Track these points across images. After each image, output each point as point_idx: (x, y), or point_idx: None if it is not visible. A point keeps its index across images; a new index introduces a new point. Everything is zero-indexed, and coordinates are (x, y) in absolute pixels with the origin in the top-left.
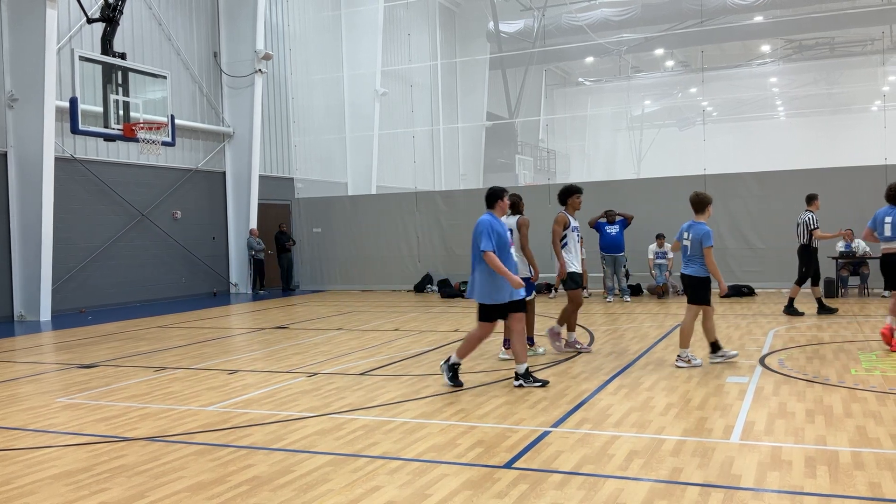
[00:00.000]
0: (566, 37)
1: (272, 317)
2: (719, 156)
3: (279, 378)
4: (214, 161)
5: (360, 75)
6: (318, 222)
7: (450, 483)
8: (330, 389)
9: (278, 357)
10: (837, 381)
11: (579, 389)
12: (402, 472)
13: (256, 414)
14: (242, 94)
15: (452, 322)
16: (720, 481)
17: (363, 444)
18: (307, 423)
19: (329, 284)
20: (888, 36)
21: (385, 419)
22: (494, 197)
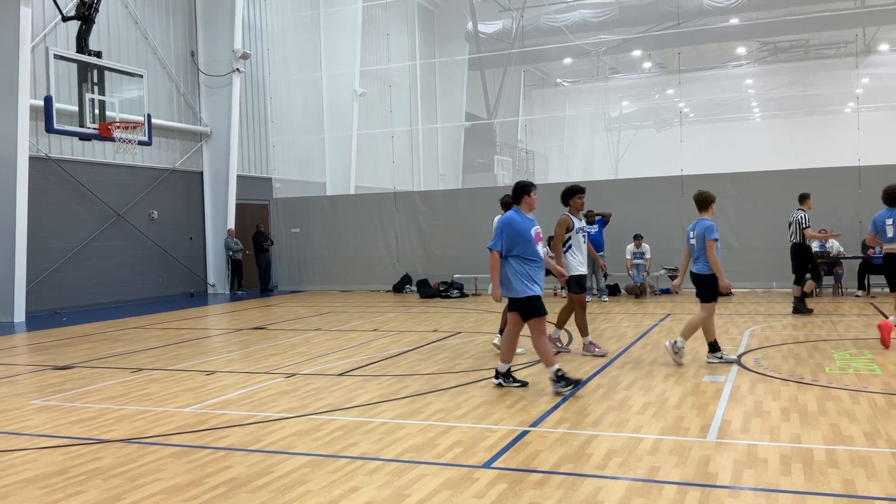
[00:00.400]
0: (544, 38)
1: (250, 317)
2: (696, 157)
3: (257, 379)
4: (192, 161)
5: (339, 75)
6: (296, 222)
7: (429, 483)
8: (308, 390)
9: (256, 358)
10: (812, 379)
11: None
12: (380, 472)
13: (234, 415)
14: (220, 94)
15: (431, 322)
16: (697, 480)
17: (342, 444)
18: (285, 424)
19: (307, 285)
20: (861, 39)
21: (364, 420)
22: (521, 192)
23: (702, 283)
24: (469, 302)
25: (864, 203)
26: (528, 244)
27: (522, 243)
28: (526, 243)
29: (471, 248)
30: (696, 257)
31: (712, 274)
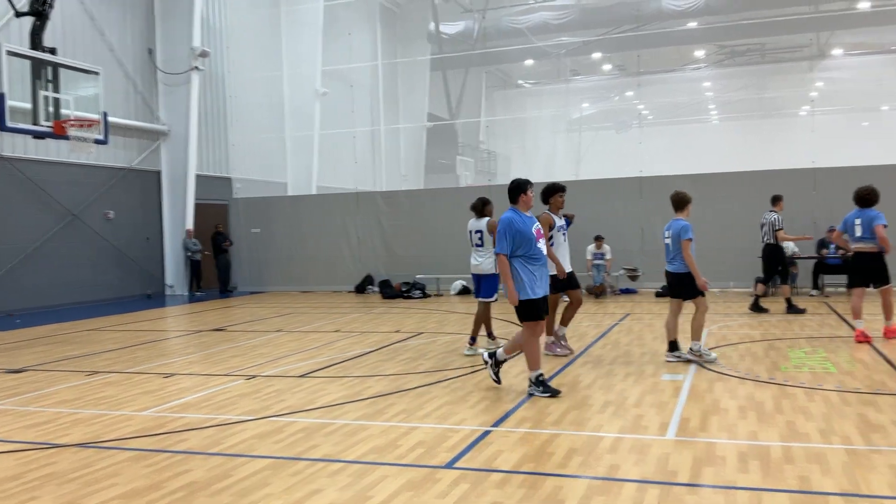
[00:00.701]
0: (506, 39)
1: (209, 319)
2: (655, 158)
3: (217, 381)
4: (149, 160)
5: (300, 74)
6: (256, 223)
7: (391, 484)
8: (269, 392)
9: (216, 360)
10: (768, 377)
11: (520, 389)
12: (342, 474)
13: (193, 418)
14: (178, 92)
15: (394, 323)
16: (656, 477)
17: (303, 447)
18: (246, 426)
19: (268, 286)
20: (816, 43)
21: (326, 421)
22: (517, 190)
23: (681, 281)
24: (431, 302)
25: (819, 204)
26: (530, 243)
27: (525, 243)
28: (528, 242)
29: (433, 249)
30: (672, 257)
31: (689, 272)
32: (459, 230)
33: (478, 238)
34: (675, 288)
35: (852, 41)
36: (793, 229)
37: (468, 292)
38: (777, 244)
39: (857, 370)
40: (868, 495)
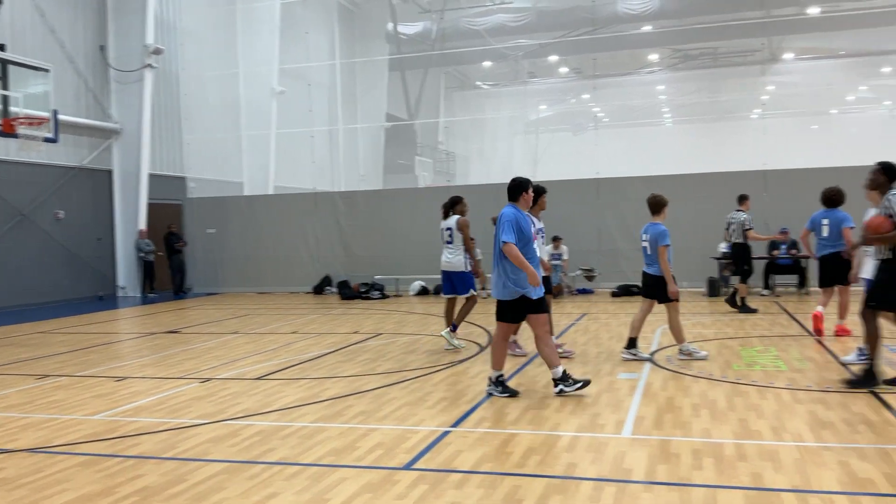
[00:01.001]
0: (464, 40)
1: (163, 321)
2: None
3: (170, 384)
4: (101, 159)
5: (257, 73)
6: (212, 223)
7: (349, 487)
8: (224, 395)
9: (169, 363)
10: (721, 376)
11: (478, 388)
12: (299, 477)
13: (146, 422)
14: (131, 90)
15: (352, 324)
16: (613, 475)
17: (259, 450)
18: (200, 430)
19: (224, 287)
20: (767, 48)
21: (282, 424)
22: (519, 189)
23: (657, 284)
24: (390, 303)
25: (769, 206)
26: (528, 243)
27: (524, 241)
28: (527, 241)
29: (392, 250)
30: (649, 260)
31: None
32: (418, 231)
33: (448, 235)
34: (650, 289)
35: (803, 46)
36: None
37: (427, 293)
38: (745, 243)
39: (807, 368)
40: (819, 491)
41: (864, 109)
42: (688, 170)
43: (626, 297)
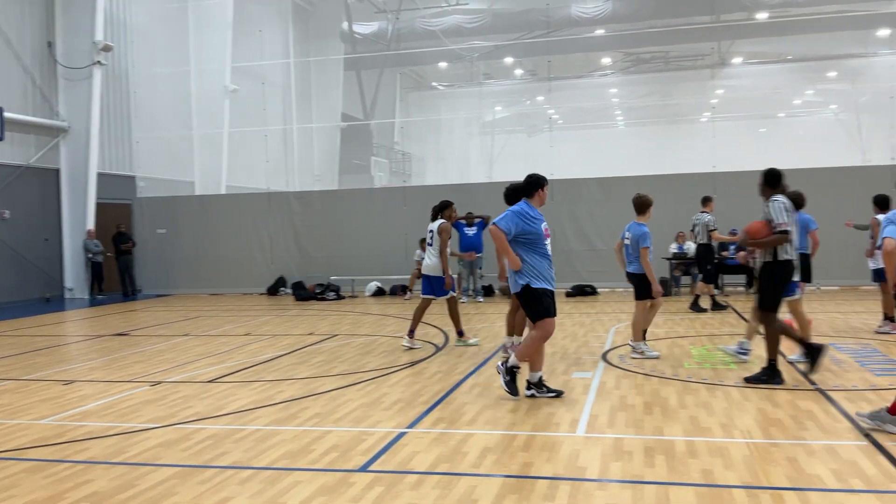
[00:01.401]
0: (420, 41)
1: (111, 323)
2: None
3: (120, 388)
4: (48, 157)
5: (209, 70)
6: (162, 223)
7: (303, 490)
8: (175, 398)
9: (119, 366)
10: (672, 374)
11: (435, 389)
12: (253, 481)
13: (95, 426)
14: (79, 87)
15: (307, 325)
16: (567, 473)
17: (211, 454)
18: (150, 434)
19: (175, 288)
20: (717, 52)
21: (235, 427)
22: (535, 185)
23: (637, 282)
24: (346, 304)
25: (719, 207)
26: (538, 240)
27: (533, 239)
28: (536, 239)
29: (348, 250)
30: (631, 260)
31: (644, 273)
32: (374, 231)
33: (430, 238)
34: (638, 289)
35: (751, 50)
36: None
37: (383, 294)
38: (710, 244)
39: (756, 367)
40: (768, 487)
41: (810, 113)
42: (640, 172)
43: (581, 298)
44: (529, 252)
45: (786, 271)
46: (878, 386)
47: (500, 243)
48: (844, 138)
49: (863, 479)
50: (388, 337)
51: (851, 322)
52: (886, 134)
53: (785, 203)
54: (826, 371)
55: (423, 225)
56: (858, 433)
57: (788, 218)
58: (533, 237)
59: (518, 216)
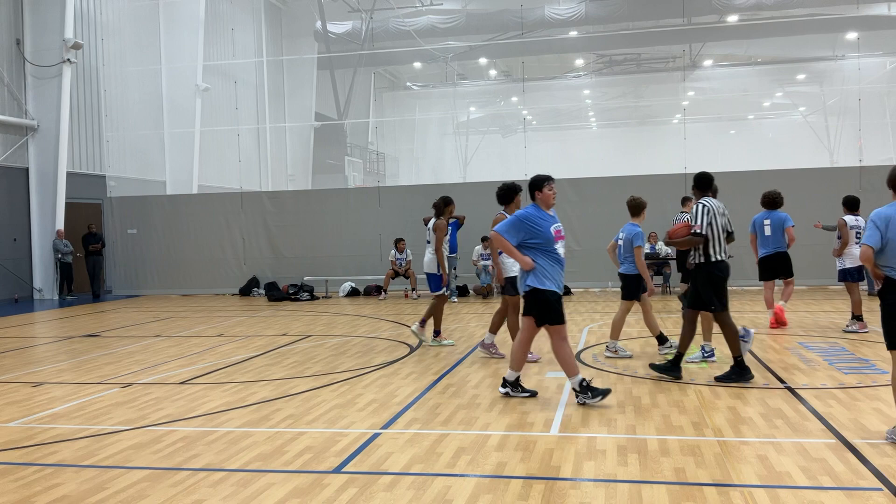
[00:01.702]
0: (394, 41)
1: (81, 324)
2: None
3: (90, 390)
4: (16, 156)
5: (180, 69)
6: (133, 223)
7: (276, 492)
8: (147, 400)
9: (88, 367)
10: (645, 373)
11: (409, 390)
12: (225, 483)
13: (64, 429)
14: (49, 85)
15: (280, 326)
16: (541, 472)
17: (183, 456)
18: (121, 436)
19: (146, 289)
20: (688, 54)
21: (207, 429)
22: (532, 187)
23: (625, 282)
24: (320, 304)
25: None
26: (548, 243)
27: (543, 242)
28: (546, 242)
29: (321, 250)
30: (623, 260)
31: (636, 275)
32: (348, 231)
33: (429, 235)
34: (623, 288)
35: (721, 53)
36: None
37: (357, 294)
38: None
39: (727, 366)
40: (739, 485)
41: (779, 115)
42: (612, 172)
43: None
44: (538, 255)
45: (718, 271)
46: (846, 384)
47: (504, 249)
48: (813, 140)
49: (832, 477)
50: (363, 338)
51: (820, 321)
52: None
53: (710, 207)
54: (795, 370)
55: (397, 225)
56: (828, 431)
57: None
58: (540, 241)
59: (521, 222)
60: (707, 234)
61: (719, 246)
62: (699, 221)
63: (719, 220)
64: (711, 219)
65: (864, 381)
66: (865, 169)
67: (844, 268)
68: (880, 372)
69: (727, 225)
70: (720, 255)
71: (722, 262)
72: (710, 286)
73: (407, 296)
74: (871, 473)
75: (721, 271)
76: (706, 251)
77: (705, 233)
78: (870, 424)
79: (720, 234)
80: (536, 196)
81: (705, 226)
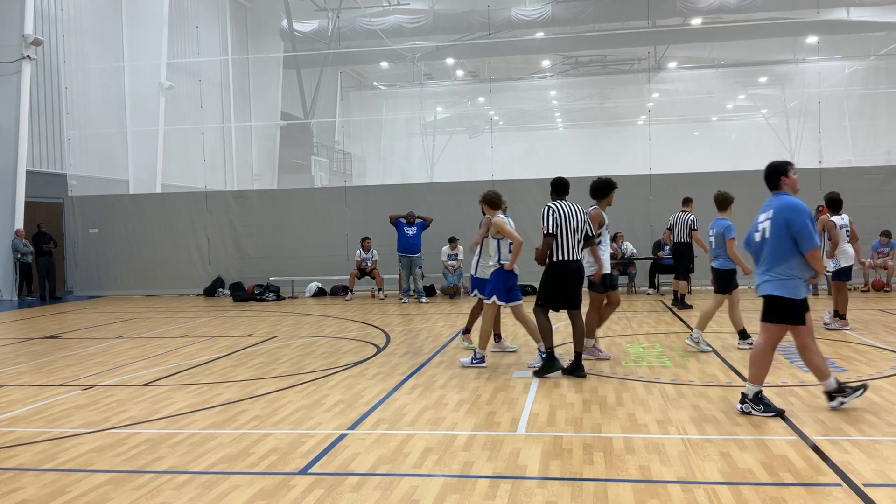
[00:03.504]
0: (361, 40)
1: (41, 325)
2: (506, 162)
3: (50, 392)
4: None
5: (143, 67)
6: (95, 222)
7: (242, 494)
8: (109, 403)
9: (48, 370)
10: (610, 372)
11: (376, 390)
12: (189, 486)
13: (23, 432)
14: (7, 83)
15: (246, 326)
16: (508, 472)
17: (147, 459)
18: (83, 439)
19: (108, 289)
20: (653, 56)
21: (171, 432)
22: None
23: (719, 277)
24: (286, 305)
25: (654, 208)
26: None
27: None
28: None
29: (287, 250)
30: (717, 255)
31: (731, 269)
32: (315, 231)
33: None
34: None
35: (685, 55)
36: (632, 232)
37: (324, 294)
38: (689, 243)
39: (690, 364)
40: (703, 482)
41: (742, 117)
42: (578, 173)
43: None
44: None
45: (560, 270)
46: (806, 382)
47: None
48: (775, 142)
49: (793, 473)
50: (329, 338)
51: None
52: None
53: (555, 208)
54: None
55: (364, 225)
56: (789, 428)
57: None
58: None
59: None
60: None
61: (566, 247)
62: (545, 223)
63: (571, 222)
64: (557, 220)
65: None
66: (825, 170)
67: (840, 267)
68: (840, 370)
69: (588, 229)
70: (566, 255)
71: (566, 262)
72: (549, 284)
73: (374, 296)
74: (831, 469)
75: (565, 270)
76: (552, 252)
77: (553, 232)
78: (829, 421)
79: (570, 236)
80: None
81: (551, 226)
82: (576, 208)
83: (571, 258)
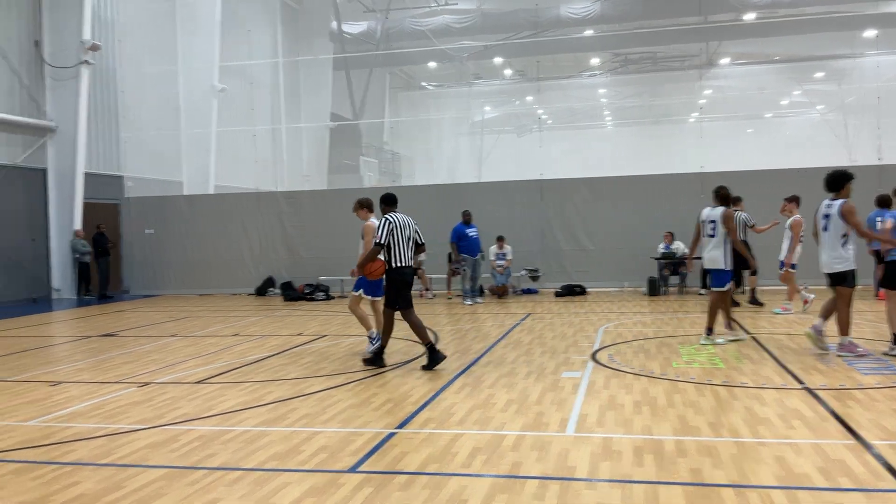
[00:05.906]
0: (409, 41)
1: (99, 324)
2: (554, 162)
3: (107, 389)
4: (35, 157)
5: (197, 70)
6: (150, 223)
7: (292, 491)
8: (163, 400)
9: (106, 367)
10: (661, 373)
11: (424, 389)
12: (241, 482)
13: (82, 428)
14: (67, 87)
15: (296, 326)
16: (557, 473)
17: (200, 455)
18: (138, 435)
19: (163, 289)
20: (705, 52)
21: (224, 429)
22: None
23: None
24: (335, 304)
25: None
26: None
27: None
28: None
29: (337, 250)
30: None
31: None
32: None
33: (710, 228)
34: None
35: (738, 51)
36: (683, 232)
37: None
38: (746, 240)
39: (743, 366)
40: (756, 486)
41: (797, 113)
42: (628, 172)
43: (570, 297)
44: None
45: (400, 276)
46: (864, 385)
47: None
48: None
49: (851, 478)
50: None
51: None
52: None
53: (390, 220)
54: (814, 370)
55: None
56: (846, 432)
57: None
58: None
59: None
60: (389, 244)
61: (401, 255)
62: (379, 233)
63: (405, 232)
64: (392, 230)
65: (883, 382)
66: (885, 167)
67: None
68: None
69: (416, 237)
70: (401, 262)
71: (403, 268)
72: (393, 289)
73: (422, 296)
74: (890, 474)
75: (402, 276)
76: (389, 259)
77: (385, 242)
78: (889, 425)
79: (403, 244)
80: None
81: (384, 236)
82: (407, 219)
83: (404, 264)
